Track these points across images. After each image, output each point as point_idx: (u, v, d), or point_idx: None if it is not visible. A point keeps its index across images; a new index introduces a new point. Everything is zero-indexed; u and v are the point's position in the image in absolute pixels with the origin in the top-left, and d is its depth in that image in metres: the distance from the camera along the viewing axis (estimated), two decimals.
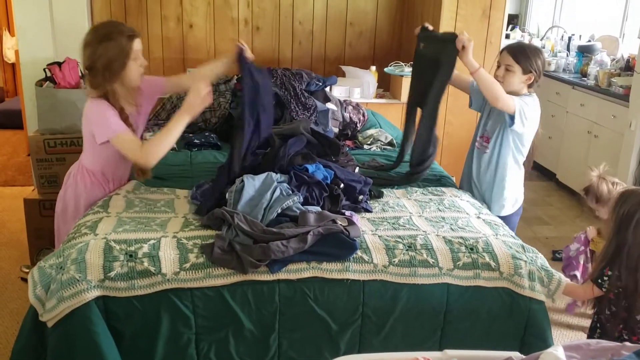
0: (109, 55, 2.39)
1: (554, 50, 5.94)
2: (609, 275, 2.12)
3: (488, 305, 2.20)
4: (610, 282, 2.12)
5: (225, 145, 3.57)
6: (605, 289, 2.13)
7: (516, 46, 2.74)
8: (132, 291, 2.01)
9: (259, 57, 4.95)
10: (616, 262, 2.11)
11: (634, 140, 4.11)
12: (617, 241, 2.10)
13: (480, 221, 2.47)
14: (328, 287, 2.12)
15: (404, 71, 4.42)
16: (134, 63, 2.46)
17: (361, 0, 4.98)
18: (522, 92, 2.71)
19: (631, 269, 2.08)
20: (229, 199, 2.36)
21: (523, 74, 2.66)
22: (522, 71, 2.66)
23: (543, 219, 4.56)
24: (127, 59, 2.42)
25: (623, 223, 2.09)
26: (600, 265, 2.16)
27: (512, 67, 2.66)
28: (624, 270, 2.09)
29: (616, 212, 2.12)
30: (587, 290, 2.21)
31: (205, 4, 4.79)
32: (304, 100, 3.78)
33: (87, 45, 2.42)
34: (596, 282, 2.15)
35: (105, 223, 2.26)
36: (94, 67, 2.40)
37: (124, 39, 2.41)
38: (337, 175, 2.64)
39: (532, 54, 2.66)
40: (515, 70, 2.66)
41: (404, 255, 2.18)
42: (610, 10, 5.69)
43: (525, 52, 2.67)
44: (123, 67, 2.42)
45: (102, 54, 2.38)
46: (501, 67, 2.70)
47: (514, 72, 2.66)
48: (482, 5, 4.27)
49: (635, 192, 2.13)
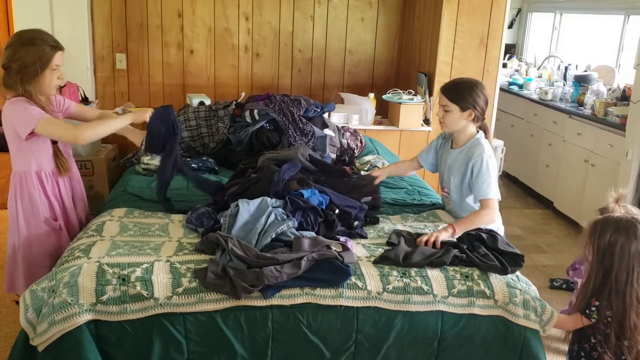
0: (26, 60, 2.44)
1: (550, 80, 6.00)
2: (597, 305, 2.13)
3: (482, 333, 2.18)
4: (600, 312, 2.13)
5: (223, 170, 3.58)
6: (594, 318, 2.14)
7: (450, 86, 2.71)
8: (124, 315, 1.99)
9: (258, 83, 5.04)
10: (603, 291, 2.13)
11: (631, 170, 4.12)
12: (603, 269, 2.13)
13: None
14: (321, 313, 2.11)
15: (402, 98, 4.46)
16: (51, 73, 2.51)
17: (360, 30, 5.05)
18: (468, 129, 2.71)
19: (620, 292, 2.10)
20: (223, 223, 2.36)
21: (461, 111, 2.65)
22: (460, 109, 2.65)
23: (540, 247, 4.54)
24: (45, 67, 2.48)
25: (607, 251, 2.12)
26: (587, 296, 2.17)
27: (449, 107, 2.66)
28: (614, 295, 2.11)
29: (596, 243, 2.14)
30: (576, 321, 2.21)
31: (206, 31, 4.85)
32: (302, 126, 3.81)
33: (9, 46, 2.48)
34: (584, 312, 2.16)
35: (98, 246, 2.26)
36: (10, 67, 2.46)
37: (47, 47, 2.48)
38: (332, 200, 2.64)
39: (466, 91, 2.64)
40: (452, 109, 2.66)
41: (398, 282, 2.17)
42: (606, 41, 5.76)
43: (458, 90, 2.66)
44: (37, 73, 2.46)
45: (21, 56, 2.44)
46: (440, 108, 2.70)
47: (452, 111, 2.66)
48: (480, 35, 4.33)
49: (608, 220, 2.15)
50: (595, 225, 2.17)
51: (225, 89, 4.99)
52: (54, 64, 2.50)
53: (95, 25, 4.66)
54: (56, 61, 2.51)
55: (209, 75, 4.95)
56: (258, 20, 4.90)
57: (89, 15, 4.56)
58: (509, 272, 2.26)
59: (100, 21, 4.66)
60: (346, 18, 5.00)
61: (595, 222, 2.18)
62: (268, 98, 4.04)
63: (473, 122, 2.70)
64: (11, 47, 2.46)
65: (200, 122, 3.91)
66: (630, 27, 5.34)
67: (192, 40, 4.85)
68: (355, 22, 5.03)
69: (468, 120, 2.68)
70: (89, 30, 4.58)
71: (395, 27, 5.08)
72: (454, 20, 4.28)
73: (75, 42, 4.49)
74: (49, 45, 2.49)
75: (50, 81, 2.53)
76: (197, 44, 4.86)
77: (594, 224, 2.18)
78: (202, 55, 4.90)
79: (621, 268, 2.10)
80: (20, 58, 2.44)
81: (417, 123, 4.46)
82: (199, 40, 4.86)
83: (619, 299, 2.10)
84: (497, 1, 4.28)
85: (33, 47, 2.45)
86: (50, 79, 2.52)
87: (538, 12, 6.67)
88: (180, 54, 4.87)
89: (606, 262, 2.12)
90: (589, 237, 2.18)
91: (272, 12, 4.90)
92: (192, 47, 4.86)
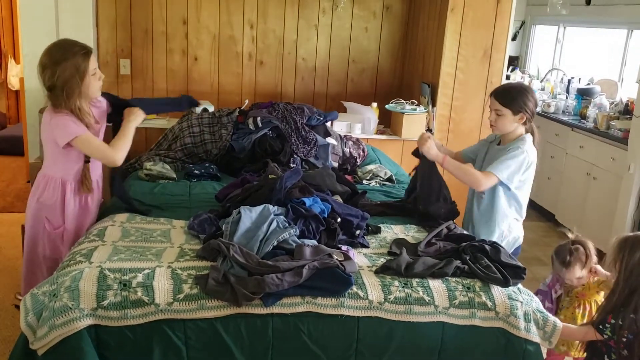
0: (65, 76, 2.47)
1: (553, 92, 6.01)
2: (612, 323, 2.12)
3: (483, 345, 2.18)
4: (614, 330, 2.11)
5: (225, 176, 3.59)
6: (606, 335, 2.12)
7: (501, 90, 2.78)
8: (125, 321, 1.99)
9: (261, 91, 5.05)
10: (623, 310, 2.10)
11: (633, 183, 4.12)
12: (629, 288, 2.10)
13: None
14: (322, 323, 2.10)
15: (404, 108, 4.46)
16: (91, 79, 2.56)
17: (364, 39, 5.06)
18: (517, 132, 2.75)
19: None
20: (225, 230, 2.36)
21: (513, 114, 2.70)
22: (512, 112, 2.70)
23: (542, 259, 4.53)
24: (84, 76, 2.51)
25: (635, 270, 2.09)
26: (604, 312, 2.15)
27: (501, 111, 2.71)
28: (634, 315, 2.09)
29: (625, 260, 2.11)
30: (587, 333, 2.20)
31: (210, 38, 4.86)
32: (304, 134, 3.81)
33: (44, 68, 2.50)
34: (597, 327, 2.15)
35: (100, 251, 2.25)
36: (54, 87, 2.48)
37: (79, 57, 2.50)
38: (334, 209, 2.64)
39: (518, 95, 2.70)
40: (505, 113, 2.70)
41: (399, 292, 2.16)
42: (609, 55, 5.77)
43: (510, 94, 2.72)
44: (79, 85, 2.50)
45: (59, 75, 2.46)
46: (492, 112, 2.75)
47: (504, 115, 2.70)
48: (483, 46, 4.34)
49: (639, 237, 2.13)
50: (626, 242, 2.14)
51: (229, 96, 5.00)
52: (91, 70, 2.54)
53: (100, 30, 4.67)
54: (92, 66, 2.55)
55: (213, 82, 4.95)
56: (262, 28, 4.91)
57: (94, 21, 4.57)
58: (510, 284, 2.25)
59: (105, 26, 4.67)
60: (350, 27, 5.02)
61: (626, 239, 2.15)
62: (271, 106, 4.05)
63: (523, 124, 2.76)
64: (47, 68, 2.48)
65: (204, 129, 3.91)
66: (634, 41, 5.36)
67: (196, 47, 4.86)
68: (359, 32, 5.04)
69: (519, 123, 2.73)
70: (94, 36, 4.59)
71: (399, 37, 5.09)
72: (458, 31, 4.29)
73: None
74: (80, 55, 2.51)
75: (93, 86, 2.58)
76: (202, 51, 4.87)
77: (624, 240, 2.15)
78: (206, 62, 4.91)
79: None
80: (59, 77, 2.46)
81: (419, 133, 4.45)
82: (203, 48, 4.87)
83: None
84: (501, 13, 4.29)
85: (67, 62, 2.47)
86: (93, 84, 2.57)
87: (542, 24, 6.69)
88: (184, 61, 4.88)
89: (633, 280, 2.09)
90: (617, 253, 2.14)
91: (276, 21, 4.92)
92: (197, 54, 4.87)
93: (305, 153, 3.73)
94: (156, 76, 4.85)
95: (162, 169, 3.48)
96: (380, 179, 3.68)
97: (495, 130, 2.82)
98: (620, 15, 5.32)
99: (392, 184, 3.65)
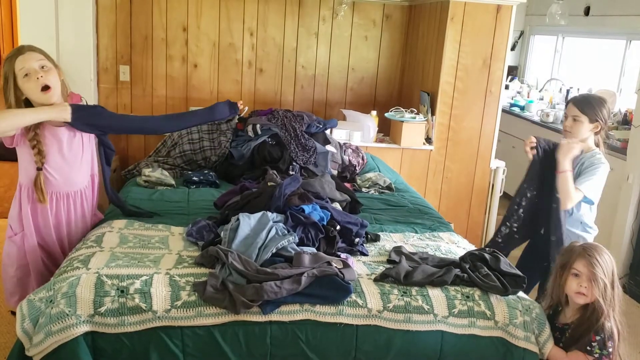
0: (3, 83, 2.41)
1: (552, 102, 6.02)
2: (597, 340, 2.10)
3: (482, 354, 2.16)
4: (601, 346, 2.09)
5: (224, 183, 3.58)
6: (596, 353, 2.11)
7: (581, 98, 2.91)
8: (122, 327, 1.97)
9: (261, 98, 5.04)
10: (604, 324, 2.10)
11: (631, 193, 4.12)
12: (606, 298, 2.10)
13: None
14: (321, 331, 2.09)
15: (404, 117, 4.46)
16: (25, 81, 2.38)
17: (364, 48, 5.07)
18: (589, 140, 2.85)
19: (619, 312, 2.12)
20: (223, 237, 2.35)
21: (590, 122, 2.81)
22: (589, 120, 2.80)
23: None
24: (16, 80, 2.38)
25: (613, 279, 2.12)
26: (587, 334, 2.12)
27: (579, 118, 2.82)
28: (618, 317, 2.11)
29: (603, 271, 2.11)
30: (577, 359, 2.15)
31: (210, 46, 4.87)
32: (303, 142, 3.81)
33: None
34: (585, 350, 2.11)
35: (98, 257, 2.24)
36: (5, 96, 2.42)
37: (7, 63, 2.39)
38: (333, 216, 2.63)
39: (596, 104, 2.82)
40: (583, 120, 2.81)
41: (398, 300, 2.15)
42: (607, 65, 5.79)
43: (590, 102, 2.84)
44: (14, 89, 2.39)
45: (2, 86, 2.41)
46: (569, 118, 2.86)
47: (582, 122, 2.82)
48: (483, 55, 4.35)
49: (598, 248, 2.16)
50: (601, 256, 2.15)
51: None
52: (20, 73, 2.37)
53: (100, 36, 4.67)
54: (18, 67, 2.36)
55: (212, 90, 4.95)
56: (262, 36, 4.92)
57: (94, 27, 4.57)
58: (509, 293, 2.24)
59: (105, 33, 4.68)
60: (350, 36, 5.02)
61: (600, 255, 2.15)
62: (271, 113, 4.05)
63: (595, 134, 2.85)
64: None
65: (203, 136, 3.91)
66: (632, 52, 5.38)
67: (196, 54, 4.86)
68: (359, 40, 5.05)
69: (593, 131, 2.84)
70: (94, 42, 4.59)
71: (398, 46, 5.10)
72: (458, 40, 4.30)
73: (80, 53, 4.50)
74: (8, 59, 2.39)
75: (30, 90, 2.39)
76: (201, 58, 4.88)
77: (599, 256, 2.14)
78: (206, 70, 4.91)
79: (619, 293, 2.12)
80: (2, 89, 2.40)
81: (419, 142, 4.46)
82: (203, 55, 4.87)
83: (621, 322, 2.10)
84: (500, 23, 4.31)
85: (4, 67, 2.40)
86: (29, 87, 2.39)
87: (540, 34, 6.71)
88: (184, 68, 4.88)
89: (608, 291, 2.10)
90: (595, 268, 2.13)
91: (276, 29, 4.93)
92: (196, 61, 4.88)
93: (304, 160, 3.73)
94: (156, 83, 4.85)
95: (161, 175, 3.47)
96: (379, 187, 3.67)
97: (568, 137, 2.90)
98: (619, 26, 5.34)
99: (391, 192, 3.64)
